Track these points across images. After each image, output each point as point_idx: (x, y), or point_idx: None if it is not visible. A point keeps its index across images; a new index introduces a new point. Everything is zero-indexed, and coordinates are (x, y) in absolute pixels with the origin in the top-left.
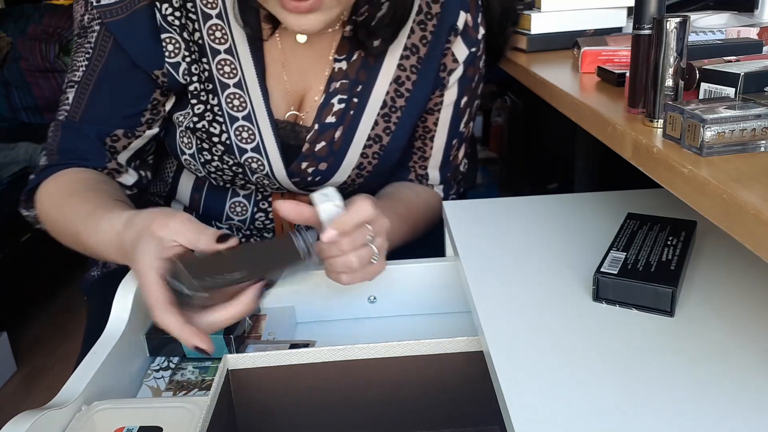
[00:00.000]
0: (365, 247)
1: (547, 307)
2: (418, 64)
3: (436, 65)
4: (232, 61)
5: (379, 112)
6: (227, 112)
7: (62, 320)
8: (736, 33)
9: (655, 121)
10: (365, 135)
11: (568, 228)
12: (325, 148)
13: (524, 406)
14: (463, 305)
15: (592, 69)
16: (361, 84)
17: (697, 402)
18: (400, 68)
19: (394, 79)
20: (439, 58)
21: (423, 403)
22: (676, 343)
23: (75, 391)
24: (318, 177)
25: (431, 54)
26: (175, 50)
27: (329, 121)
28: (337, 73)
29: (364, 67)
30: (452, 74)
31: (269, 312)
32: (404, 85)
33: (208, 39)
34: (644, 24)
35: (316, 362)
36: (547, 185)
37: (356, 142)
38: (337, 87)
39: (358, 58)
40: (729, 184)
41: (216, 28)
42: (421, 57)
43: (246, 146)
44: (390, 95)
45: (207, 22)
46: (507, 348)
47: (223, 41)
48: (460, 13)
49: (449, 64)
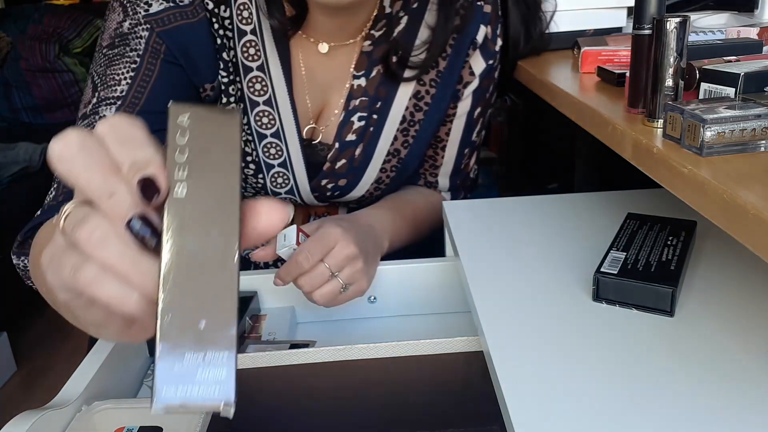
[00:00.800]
0: (327, 284)
1: (547, 307)
2: (437, 77)
3: (455, 78)
4: (263, 78)
5: (399, 128)
6: (255, 130)
7: (62, 320)
8: (736, 33)
9: (655, 121)
10: (384, 150)
11: (568, 228)
12: (345, 165)
13: (524, 406)
14: (463, 305)
15: (592, 69)
16: (380, 101)
17: (697, 402)
18: (420, 83)
19: (414, 94)
20: (458, 71)
21: (423, 403)
22: (676, 343)
23: (75, 391)
24: (337, 192)
25: (450, 67)
26: (224, 67)
27: (350, 139)
28: (356, 90)
29: (383, 84)
30: (468, 87)
31: (269, 312)
32: (423, 99)
33: (242, 56)
34: (644, 24)
35: (316, 362)
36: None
37: (376, 158)
38: (357, 105)
39: (377, 75)
40: (729, 184)
41: (250, 44)
42: (441, 71)
43: (273, 162)
44: (409, 110)
45: (242, 39)
46: (507, 348)
47: (256, 58)
48: (480, 26)
49: (466, 77)
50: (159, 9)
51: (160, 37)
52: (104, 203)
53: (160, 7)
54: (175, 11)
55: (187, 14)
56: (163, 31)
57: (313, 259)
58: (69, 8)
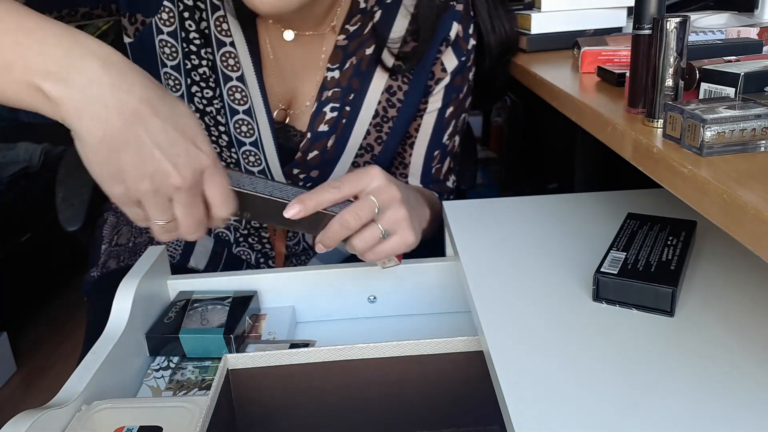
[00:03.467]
0: (370, 226)
1: (547, 307)
2: (410, 74)
3: (427, 74)
4: (236, 54)
5: (371, 122)
6: (228, 104)
7: (62, 320)
8: (736, 33)
9: (655, 121)
10: (357, 144)
11: (568, 228)
12: (318, 157)
13: (524, 406)
14: (463, 305)
15: (592, 69)
16: (353, 92)
17: (697, 402)
18: (392, 78)
19: (386, 89)
20: (430, 67)
21: (423, 403)
22: (676, 343)
23: (75, 390)
24: (309, 183)
25: (423, 64)
26: (170, 18)
27: (322, 129)
28: (330, 81)
29: (356, 75)
30: (439, 83)
31: (269, 312)
32: (396, 95)
33: (215, 30)
34: (644, 24)
35: (316, 362)
36: (547, 185)
37: (348, 151)
38: (329, 96)
39: (350, 67)
40: (729, 184)
41: (223, 20)
42: (413, 66)
43: (245, 140)
44: (382, 105)
45: (215, 14)
46: (507, 348)
47: (227, 34)
48: (453, 24)
49: (437, 73)
50: None
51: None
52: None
53: None
54: None
55: None
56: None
57: (346, 192)
58: None
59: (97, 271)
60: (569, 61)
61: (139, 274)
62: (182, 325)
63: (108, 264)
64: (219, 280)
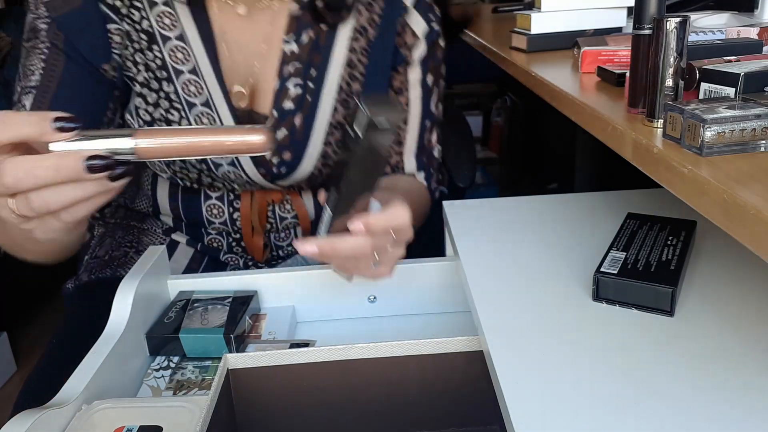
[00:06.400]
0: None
1: (547, 307)
2: (368, 47)
3: (390, 46)
4: (185, 47)
5: (337, 98)
6: (184, 99)
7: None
8: (736, 33)
9: (655, 121)
10: (325, 122)
11: (568, 228)
12: (287, 138)
13: (524, 406)
14: (463, 305)
15: (592, 69)
16: (314, 67)
17: (697, 402)
18: (351, 51)
19: (347, 62)
20: (393, 38)
21: (423, 403)
22: (676, 343)
23: (75, 390)
24: (283, 167)
25: (382, 36)
26: (121, 42)
27: (287, 107)
28: (289, 56)
29: (315, 49)
30: (414, 50)
31: (269, 312)
32: (357, 68)
33: (157, 26)
34: (644, 24)
35: (316, 362)
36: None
37: (317, 129)
38: (291, 71)
39: (308, 41)
40: (729, 184)
41: (164, 14)
42: (371, 40)
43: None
44: (345, 80)
45: (153, 9)
46: (507, 348)
47: (173, 27)
48: None
49: (409, 39)
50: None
51: (58, 25)
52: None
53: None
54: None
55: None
56: (59, 17)
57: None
58: None
59: (72, 282)
60: (569, 61)
61: (139, 274)
62: (182, 325)
63: (81, 276)
64: (219, 280)
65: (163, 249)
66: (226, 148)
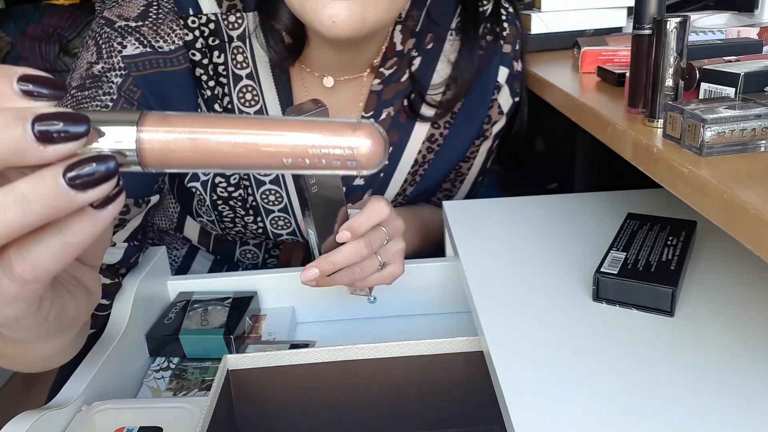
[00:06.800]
0: (371, 257)
1: (547, 307)
2: (452, 119)
3: (479, 119)
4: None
5: (410, 170)
6: (254, 176)
7: None
8: (736, 33)
9: (655, 121)
10: (394, 194)
11: (568, 228)
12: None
13: (524, 406)
14: (463, 305)
15: (592, 69)
16: (392, 146)
17: (697, 402)
18: (434, 126)
19: (428, 137)
20: (484, 112)
21: (423, 403)
22: (676, 342)
23: (75, 391)
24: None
25: (467, 108)
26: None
27: (357, 184)
28: None
29: (395, 126)
30: (495, 125)
31: (269, 312)
32: (437, 141)
33: (238, 103)
34: (644, 24)
35: (316, 362)
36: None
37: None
38: None
39: (387, 118)
40: (729, 184)
41: (246, 89)
42: (455, 111)
43: (273, 207)
44: (422, 153)
45: (238, 85)
46: (507, 348)
47: (253, 103)
48: (500, 68)
49: (494, 116)
50: (135, 53)
51: (136, 83)
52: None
53: (135, 51)
54: (155, 57)
55: (168, 62)
56: (140, 77)
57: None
58: (69, 8)
59: None
60: (569, 61)
61: (139, 274)
62: (182, 326)
63: None
64: (219, 281)
65: (163, 249)
66: (311, 156)
